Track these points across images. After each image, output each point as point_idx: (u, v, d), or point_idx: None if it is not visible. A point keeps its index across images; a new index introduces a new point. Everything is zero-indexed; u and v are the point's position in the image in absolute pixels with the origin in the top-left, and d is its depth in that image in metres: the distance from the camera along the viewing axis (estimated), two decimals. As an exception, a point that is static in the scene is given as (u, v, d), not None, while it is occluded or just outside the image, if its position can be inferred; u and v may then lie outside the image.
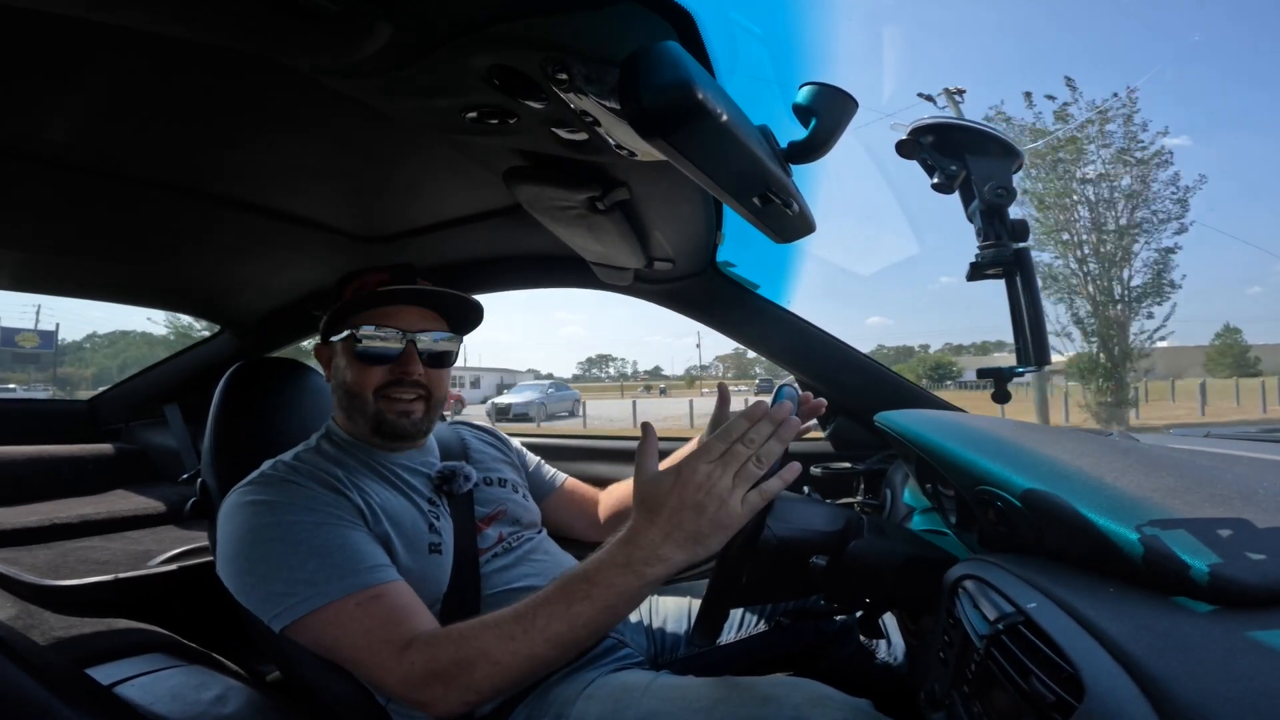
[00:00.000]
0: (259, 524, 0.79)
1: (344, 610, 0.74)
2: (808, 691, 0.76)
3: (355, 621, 0.74)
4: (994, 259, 0.68)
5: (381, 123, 0.79)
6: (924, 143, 0.70)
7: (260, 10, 0.49)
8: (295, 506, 0.80)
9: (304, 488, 0.83)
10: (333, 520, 0.80)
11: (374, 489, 0.90)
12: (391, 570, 0.80)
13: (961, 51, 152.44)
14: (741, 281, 1.44)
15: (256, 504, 0.81)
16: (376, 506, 0.87)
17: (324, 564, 0.76)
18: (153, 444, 2.12)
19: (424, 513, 0.92)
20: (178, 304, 1.91)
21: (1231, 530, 0.49)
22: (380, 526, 0.85)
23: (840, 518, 0.80)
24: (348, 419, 0.97)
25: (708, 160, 0.56)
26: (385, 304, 0.95)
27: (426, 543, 0.89)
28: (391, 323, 0.94)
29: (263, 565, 0.77)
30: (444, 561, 0.89)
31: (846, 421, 1.54)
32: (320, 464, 0.89)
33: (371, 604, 0.75)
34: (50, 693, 0.65)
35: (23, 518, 1.52)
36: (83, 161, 0.94)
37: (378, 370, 0.94)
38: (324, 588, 0.74)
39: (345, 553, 0.77)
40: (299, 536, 0.77)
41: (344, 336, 0.94)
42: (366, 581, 0.76)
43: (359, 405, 0.94)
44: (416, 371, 0.95)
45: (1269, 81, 55.49)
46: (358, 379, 0.94)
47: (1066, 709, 0.41)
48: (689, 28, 0.57)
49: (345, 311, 0.94)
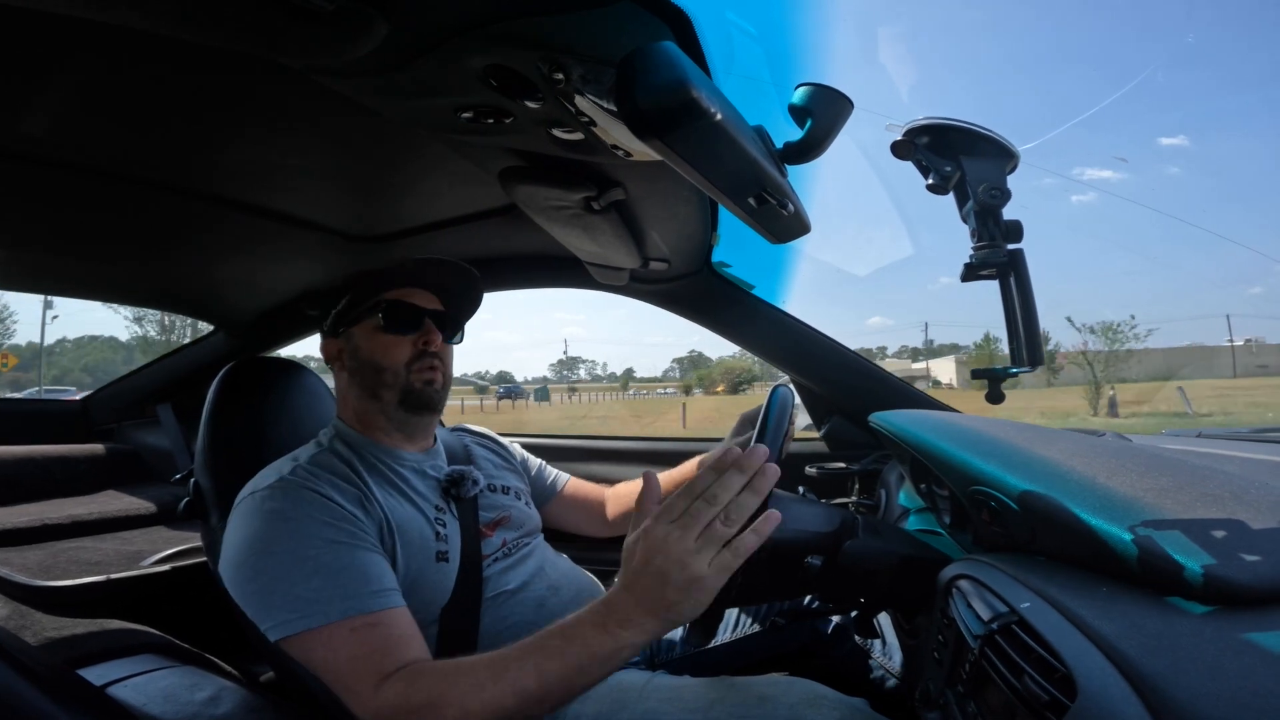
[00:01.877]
0: (270, 533, 0.78)
1: (338, 634, 0.73)
2: (803, 691, 0.76)
3: (346, 647, 0.72)
4: (987, 260, 0.68)
5: (376, 122, 0.79)
6: (919, 144, 0.70)
7: (255, 9, 0.49)
8: (311, 520, 0.79)
9: (324, 499, 0.82)
10: (345, 538, 0.79)
11: (386, 494, 0.89)
12: (395, 596, 0.78)
13: (958, 51, 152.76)
14: (737, 282, 1.44)
15: (271, 513, 0.79)
16: (389, 516, 0.86)
17: (327, 583, 0.75)
18: (145, 444, 2.11)
19: (430, 520, 0.91)
20: (171, 303, 1.90)
21: (1225, 531, 0.49)
22: (394, 538, 0.85)
23: (835, 518, 0.80)
24: (371, 400, 0.98)
25: (703, 160, 0.56)
26: (403, 285, 1.01)
27: (434, 551, 0.88)
28: (410, 300, 1.00)
29: (265, 575, 0.76)
30: (449, 569, 0.88)
31: (841, 421, 1.55)
32: (338, 466, 0.88)
33: (366, 631, 0.73)
34: (42, 694, 0.65)
35: (14, 518, 1.51)
36: (76, 160, 0.93)
37: (404, 342, 0.98)
38: (324, 607, 0.73)
39: (351, 574, 0.76)
40: (307, 552, 0.76)
41: (369, 315, 0.99)
42: (367, 607, 0.75)
43: (388, 379, 0.97)
44: (437, 342, 1.00)
45: (1262, 82, 55.82)
46: (387, 352, 0.97)
47: (1060, 708, 0.41)
48: (685, 28, 0.57)
49: (363, 296, 1.00)
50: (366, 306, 0.99)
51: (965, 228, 0.69)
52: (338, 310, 1.01)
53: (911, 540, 0.85)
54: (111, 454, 2.03)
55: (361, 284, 1.01)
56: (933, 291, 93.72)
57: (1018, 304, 0.68)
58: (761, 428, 0.77)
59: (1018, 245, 0.68)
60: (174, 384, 2.07)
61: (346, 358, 1.00)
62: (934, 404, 1.42)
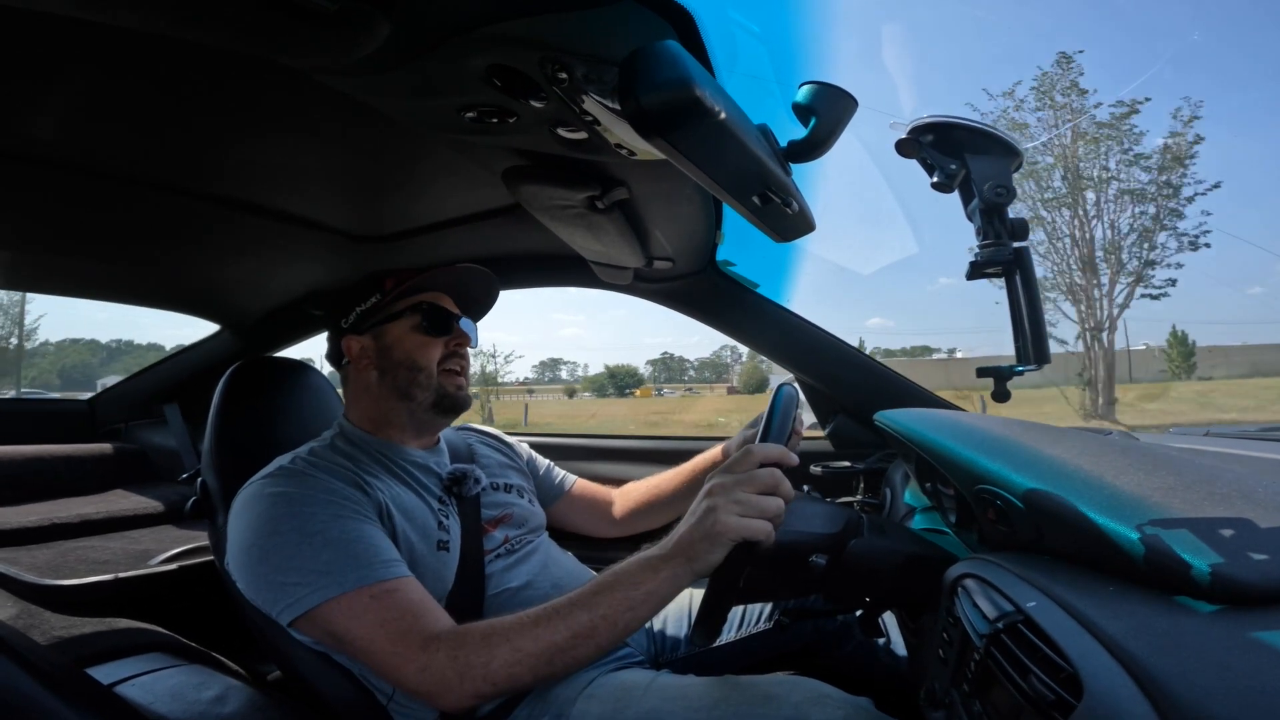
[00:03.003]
0: (275, 514, 0.79)
1: (358, 601, 0.74)
2: (807, 690, 0.76)
3: (370, 613, 0.74)
4: (993, 258, 0.67)
5: (380, 122, 0.79)
6: (923, 141, 0.70)
7: (257, 10, 0.49)
8: (312, 499, 0.81)
9: (322, 480, 0.84)
10: (348, 513, 0.81)
11: (388, 484, 0.91)
12: (404, 567, 0.80)
13: (958, 50, 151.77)
14: (741, 280, 1.44)
15: (274, 495, 0.81)
16: (390, 501, 0.88)
17: (339, 554, 0.76)
18: (152, 444, 2.12)
19: (433, 510, 0.93)
20: (176, 303, 1.90)
21: (1233, 529, 0.49)
22: (394, 521, 0.86)
23: (840, 517, 0.80)
24: (400, 400, 1.00)
25: (707, 159, 0.56)
26: (434, 289, 1.05)
27: (435, 539, 0.90)
28: (443, 304, 1.04)
29: (276, 555, 0.77)
30: (450, 559, 0.89)
31: (846, 420, 1.54)
32: (337, 460, 0.90)
33: (386, 598, 0.75)
34: (50, 692, 0.65)
35: (22, 517, 1.52)
36: (80, 161, 0.94)
37: (438, 344, 1.01)
38: (338, 578, 0.74)
39: (361, 544, 0.78)
40: (314, 528, 0.77)
41: (407, 315, 1.02)
42: (381, 575, 0.76)
43: (423, 380, 0.99)
44: (468, 343, 1.04)
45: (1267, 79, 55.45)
46: (424, 352, 1.00)
47: (1066, 708, 0.41)
48: (688, 27, 0.57)
49: (398, 296, 1.02)
50: (406, 306, 1.01)
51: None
52: (364, 308, 1.02)
53: (917, 539, 0.85)
54: (119, 453, 2.04)
55: (395, 283, 1.03)
56: (931, 292, 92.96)
57: (1023, 302, 0.68)
58: (766, 425, 0.77)
59: (1023, 243, 0.68)
60: (180, 384, 2.08)
61: (376, 356, 1.01)
62: (940, 402, 1.41)
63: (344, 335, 1.04)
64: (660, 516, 1.23)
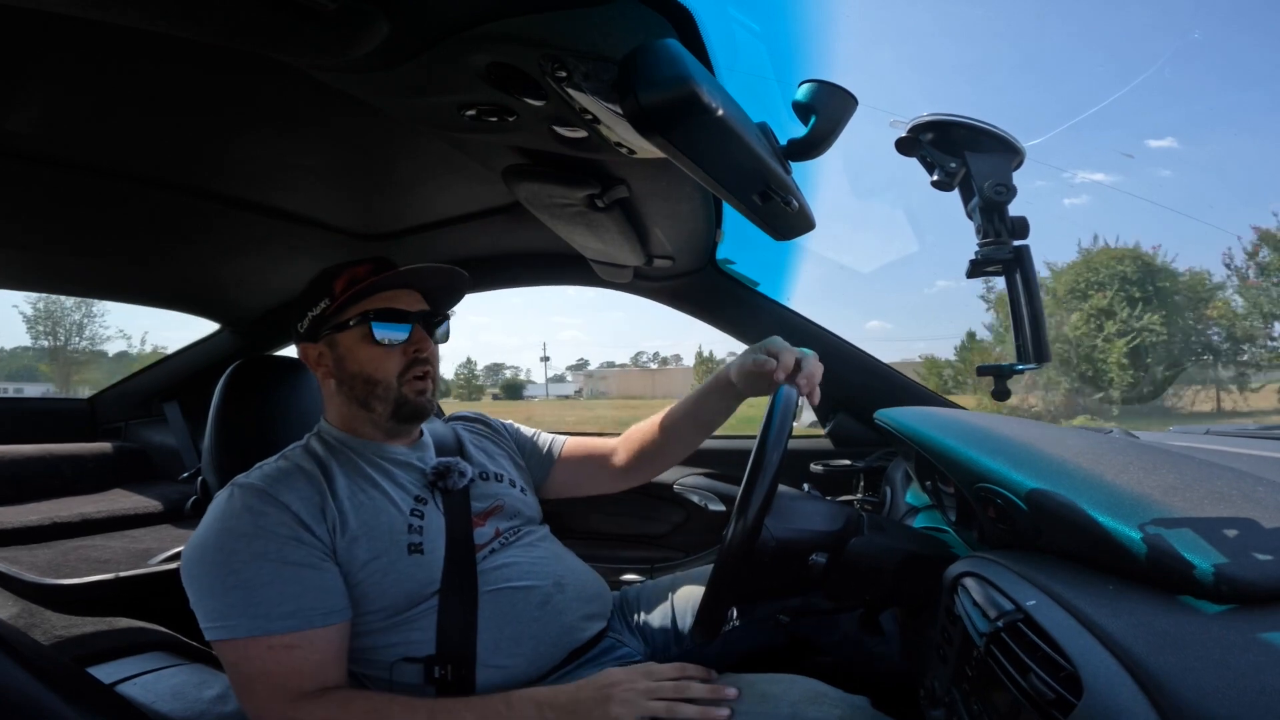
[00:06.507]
0: (207, 539, 0.79)
1: (252, 649, 0.74)
2: (805, 688, 0.76)
3: (255, 662, 0.75)
4: (993, 256, 0.67)
5: (380, 120, 0.79)
6: (923, 140, 0.70)
7: (258, 8, 0.49)
8: (242, 534, 0.78)
9: (269, 507, 0.81)
10: (273, 553, 0.78)
11: (355, 490, 0.88)
12: (318, 617, 0.78)
13: (958, 49, 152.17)
14: (741, 279, 1.44)
15: (217, 517, 0.80)
16: (351, 512, 0.85)
17: (245, 598, 0.75)
18: (152, 442, 2.12)
19: (404, 513, 0.89)
20: (177, 302, 1.90)
21: (1235, 529, 0.49)
22: (348, 533, 0.83)
23: (840, 515, 0.80)
24: (360, 409, 0.94)
25: (707, 157, 0.56)
26: (388, 288, 0.95)
27: (405, 544, 0.86)
28: (397, 305, 0.95)
29: (196, 582, 0.77)
30: (426, 561, 0.86)
31: (846, 418, 1.54)
32: (306, 468, 0.87)
33: (282, 652, 0.75)
34: (52, 692, 0.65)
35: (23, 516, 1.52)
36: (81, 159, 0.94)
37: (394, 353, 0.94)
38: (234, 622, 0.74)
39: (271, 590, 0.76)
40: (233, 565, 0.76)
41: (356, 324, 0.93)
42: (278, 629, 0.75)
43: (380, 392, 0.93)
44: (428, 348, 0.96)
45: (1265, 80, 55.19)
46: (379, 365, 0.93)
47: (1066, 706, 0.41)
48: (688, 25, 0.57)
49: (346, 303, 0.93)
50: (355, 314, 0.93)
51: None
52: (315, 314, 0.95)
53: (917, 537, 0.85)
54: (119, 452, 2.04)
55: (346, 285, 0.94)
56: (929, 294, 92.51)
57: (1024, 299, 0.68)
58: (766, 426, 0.77)
59: (1024, 241, 0.68)
60: (180, 382, 2.08)
61: (332, 365, 0.95)
62: (940, 401, 1.41)
63: (301, 341, 0.99)
64: (676, 446, 1.13)
